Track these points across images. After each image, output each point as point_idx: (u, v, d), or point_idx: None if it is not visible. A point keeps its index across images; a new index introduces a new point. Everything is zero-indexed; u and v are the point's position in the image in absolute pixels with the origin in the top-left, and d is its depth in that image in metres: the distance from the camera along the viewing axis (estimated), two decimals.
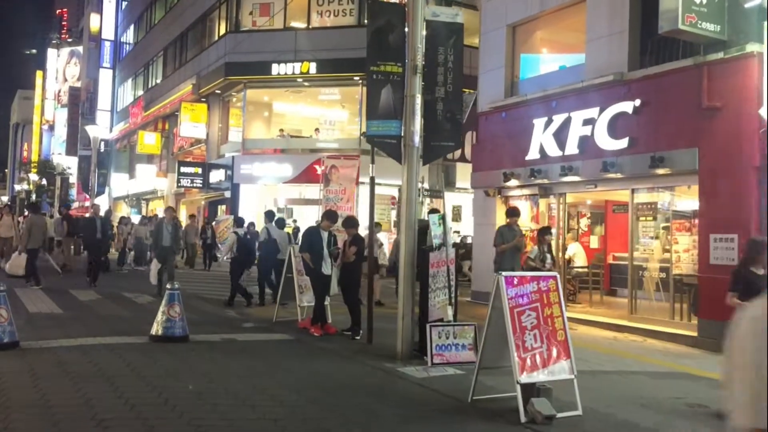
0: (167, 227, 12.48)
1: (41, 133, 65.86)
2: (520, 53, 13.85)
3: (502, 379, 6.28)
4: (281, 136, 25.51)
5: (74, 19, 62.96)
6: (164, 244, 12.41)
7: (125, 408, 5.28)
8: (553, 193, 12.60)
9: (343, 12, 24.67)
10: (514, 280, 5.77)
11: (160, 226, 12.79)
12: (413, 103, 7.93)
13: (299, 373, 6.90)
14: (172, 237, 12.40)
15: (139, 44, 39.82)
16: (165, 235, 12.39)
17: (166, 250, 12.46)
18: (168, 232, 12.38)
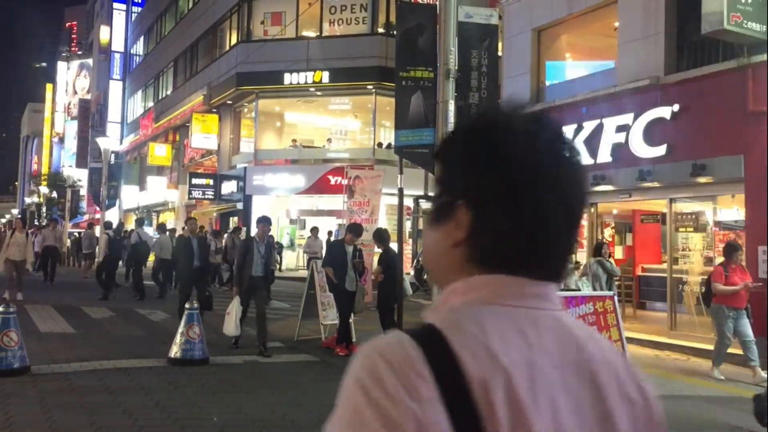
0: (259, 248, 8.63)
1: (51, 146, 65.95)
2: (545, 58, 13.39)
3: None
4: (293, 146, 25.14)
5: (84, 31, 63.18)
6: (253, 274, 8.60)
7: None
8: None
9: (355, 20, 24.33)
10: (569, 300, 5.28)
11: (249, 245, 8.67)
12: (446, 109, 7.46)
13: (327, 398, 6.39)
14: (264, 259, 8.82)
15: (149, 55, 39.67)
16: (257, 258, 8.60)
17: (255, 281, 8.66)
18: (260, 253, 8.61)
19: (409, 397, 0.71)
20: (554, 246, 0.85)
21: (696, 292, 10.29)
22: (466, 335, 0.76)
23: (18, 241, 13.54)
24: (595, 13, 12.24)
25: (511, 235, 0.83)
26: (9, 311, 6.95)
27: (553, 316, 0.84)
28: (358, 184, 9.87)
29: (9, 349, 6.81)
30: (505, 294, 0.82)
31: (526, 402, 0.74)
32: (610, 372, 0.84)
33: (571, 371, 0.80)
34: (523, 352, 0.77)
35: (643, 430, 0.84)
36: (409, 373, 0.73)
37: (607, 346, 0.88)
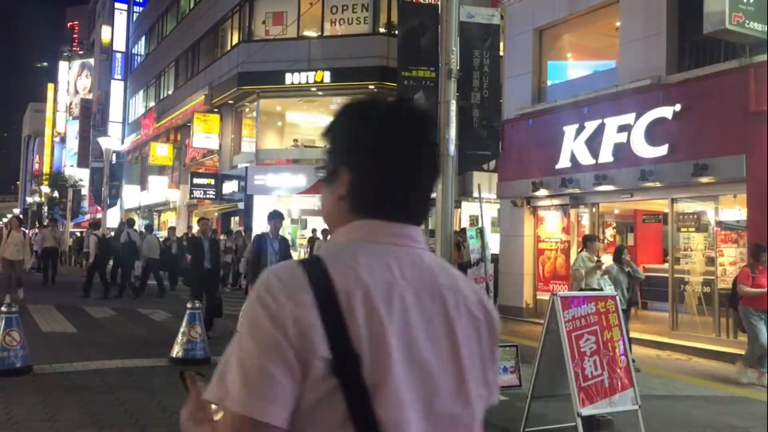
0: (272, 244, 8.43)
1: (53, 146, 66.01)
2: (547, 58, 13.39)
3: (553, 407, 5.78)
4: (295, 146, 25.13)
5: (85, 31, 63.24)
6: None
7: None
8: (585, 203, 12.10)
9: (357, 20, 24.32)
10: (570, 301, 5.27)
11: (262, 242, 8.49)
12: (448, 109, 7.44)
13: None
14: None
15: (151, 55, 39.68)
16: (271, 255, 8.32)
17: None
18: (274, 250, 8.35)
19: (290, 302, 0.97)
20: (413, 198, 1.13)
21: (698, 292, 10.29)
22: (339, 261, 1.03)
23: (15, 240, 13.18)
24: (597, 13, 12.23)
25: (379, 189, 1.10)
26: (11, 311, 6.96)
27: (416, 252, 1.10)
28: None
29: (11, 349, 6.81)
30: (375, 233, 1.09)
31: (381, 308, 0.99)
32: (458, 296, 1.09)
33: (424, 293, 1.06)
34: (383, 275, 1.03)
35: (485, 337, 1.12)
36: (293, 285, 0.98)
37: (459, 277, 1.14)
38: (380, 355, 0.97)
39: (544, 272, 12.75)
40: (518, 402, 6.22)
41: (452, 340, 1.06)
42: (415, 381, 1.00)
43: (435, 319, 1.05)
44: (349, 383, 0.95)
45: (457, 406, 1.05)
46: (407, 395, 0.99)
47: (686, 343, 9.84)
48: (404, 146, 1.11)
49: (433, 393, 1.02)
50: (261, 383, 0.94)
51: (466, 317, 1.09)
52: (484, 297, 1.15)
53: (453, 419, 1.04)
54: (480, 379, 1.09)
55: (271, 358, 0.94)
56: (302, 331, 0.95)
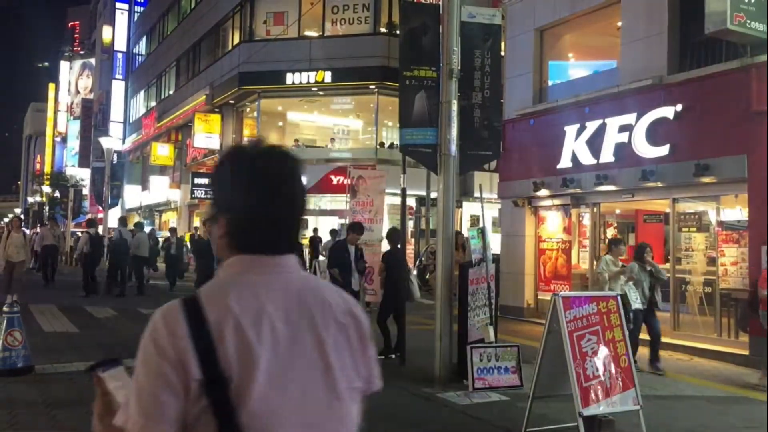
0: None
1: (54, 146, 66.00)
2: (548, 58, 13.38)
3: (554, 407, 5.79)
4: (296, 146, 25.13)
5: (86, 31, 63.24)
6: None
7: None
8: (586, 203, 12.09)
9: (357, 20, 24.32)
10: (572, 301, 5.27)
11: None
12: (449, 109, 7.46)
13: None
14: None
15: (152, 55, 39.70)
16: None
17: None
18: None
19: (171, 335, 1.16)
20: (280, 232, 1.31)
21: (699, 292, 10.28)
22: (212, 296, 1.22)
23: (15, 241, 12.98)
24: (598, 13, 12.22)
25: (248, 229, 1.29)
26: (13, 311, 6.97)
27: (285, 277, 1.29)
28: (362, 184, 9.86)
29: (13, 349, 6.82)
30: (247, 267, 1.28)
31: (250, 334, 1.18)
32: (324, 309, 1.29)
33: (292, 313, 1.25)
34: (252, 304, 1.22)
35: (354, 338, 1.31)
36: (172, 321, 1.18)
37: (327, 292, 1.34)
38: (249, 374, 1.16)
39: (545, 272, 12.74)
40: (519, 402, 6.23)
41: (321, 348, 1.26)
42: (287, 388, 1.20)
43: (304, 333, 1.25)
44: (217, 401, 1.15)
45: (329, 402, 1.26)
46: (278, 405, 1.19)
47: (687, 343, 9.84)
48: (267, 189, 1.30)
49: (305, 395, 1.22)
50: (153, 409, 1.14)
51: (333, 325, 1.29)
52: (351, 304, 1.37)
53: (326, 414, 1.25)
54: (353, 375, 1.31)
55: (160, 385, 1.14)
56: (179, 357, 1.15)
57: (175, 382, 1.14)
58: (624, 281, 8.00)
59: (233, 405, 1.15)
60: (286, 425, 1.19)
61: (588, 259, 12.20)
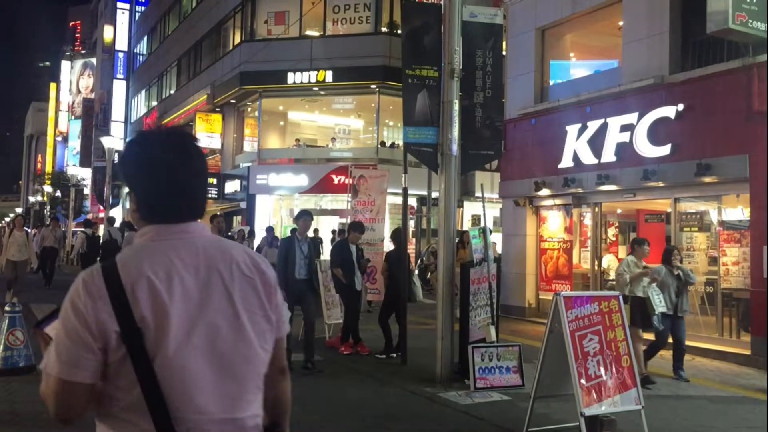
0: (301, 246, 7.68)
1: (55, 145, 65.99)
2: (549, 57, 13.37)
3: (556, 407, 5.79)
4: (297, 145, 25.14)
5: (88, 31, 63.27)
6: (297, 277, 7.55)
7: None
8: (587, 203, 12.08)
9: (359, 19, 24.31)
10: (574, 301, 5.27)
11: (290, 244, 7.66)
12: (450, 109, 7.46)
13: (335, 399, 6.41)
14: None
15: (153, 55, 39.71)
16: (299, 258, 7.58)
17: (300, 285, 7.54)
18: (303, 253, 7.68)
19: (88, 296, 1.38)
20: (182, 202, 1.52)
21: (701, 292, 10.27)
22: (127, 261, 1.43)
23: (17, 240, 12.75)
24: (600, 12, 12.21)
25: (153, 202, 1.51)
26: (15, 310, 6.98)
27: (191, 241, 1.50)
28: (363, 183, 9.85)
29: (15, 348, 6.85)
30: (157, 234, 1.50)
31: (162, 291, 1.38)
32: (231, 264, 1.50)
33: (201, 269, 1.46)
34: (163, 264, 1.42)
35: (261, 288, 1.53)
36: (91, 284, 1.39)
37: (233, 250, 1.55)
38: (161, 325, 1.37)
39: (547, 272, 12.74)
40: (521, 402, 6.23)
41: (229, 298, 1.47)
42: (198, 335, 1.41)
43: (213, 287, 1.46)
44: (134, 349, 1.36)
45: (237, 343, 1.46)
46: (191, 348, 1.40)
47: (689, 343, 9.73)
48: (166, 164, 1.52)
49: (215, 338, 1.43)
50: (67, 357, 1.37)
51: (239, 279, 1.50)
52: (257, 259, 1.58)
53: (234, 353, 1.45)
54: (262, 320, 1.52)
55: (73, 339, 1.37)
56: (97, 315, 1.37)
57: (88, 337, 1.37)
58: (647, 283, 7.42)
59: (149, 353, 1.37)
60: (197, 367, 1.40)
61: (589, 258, 12.20)
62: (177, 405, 1.38)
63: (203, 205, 1.59)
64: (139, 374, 1.36)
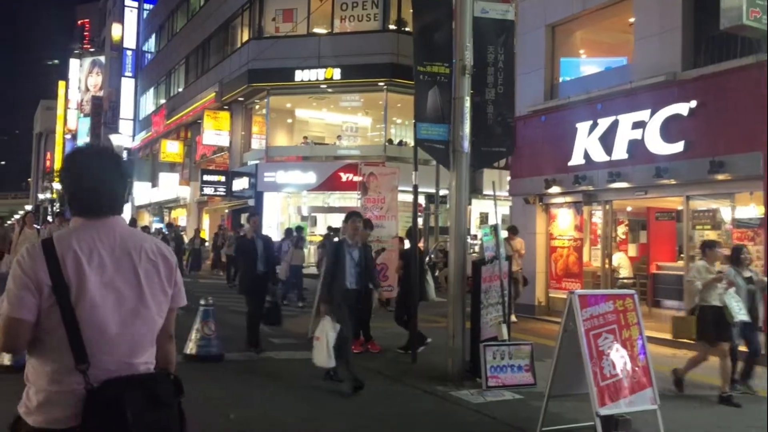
0: (351, 252, 7.15)
1: (64, 143, 66.22)
2: (559, 54, 13.29)
3: (568, 406, 5.73)
4: (305, 143, 25.12)
5: (96, 29, 63.39)
6: (348, 287, 7.07)
7: None
8: (598, 201, 12.00)
9: (367, 17, 24.26)
10: (588, 299, 5.22)
11: (340, 250, 7.08)
12: (462, 105, 7.41)
13: (344, 398, 6.37)
14: None
15: (161, 53, 39.77)
16: (349, 266, 7.11)
17: (350, 296, 7.07)
18: (354, 260, 7.17)
19: (32, 260, 1.85)
20: (103, 201, 2.00)
21: None
22: (61, 238, 1.91)
23: (28, 237, 12.45)
24: (610, 9, 12.12)
25: (78, 201, 2.01)
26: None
27: (111, 230, 1.98)
28: (373, 180, 9.81)
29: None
30: (83, 224, 1.98)
31: (84, 260, 1.87)
32: (140, 250, 2.00)
33: (116, 250, 1.95)
34: (87, 242, 1.91)
35: (162, 268, 2.03)
36: (33, 251, 1.88)
37: (144, 239, 2.05)
38: (81, 284, 1.87)
39: (557, 270, 12.67)
40: (533, 401, 6.19)
41: (135, 274, 1.97)
42: (109, 296, 1.90)
43: (123, 264, 1.96)
44: (61, 299, 1.84)
45: (138, 307, 1.95)
46: (103, 304, 1.88)
47: None
48: (89, 171, 2.02)
49: (122, 301, 1.92)
50: (16, 300, 1.84)
51: (145, 260, 2.00)
52: (162, 247, 2.09)
53: (135, 314, 1.95)
54: (159, 293, 2.02)
55: (21, 288, 1.85)
56: (36, 272, 1.85)
57: (30, 284, 1.85)
58: (723, 289, 6.79)
59: (72, 302, 1.84)
60: (106, 319, 1.89)
61: (600, 256, 12.12)
62: (90, 342, 1.85)
63: (122, 204, 2.08)
64: (64, 318, 1.83)
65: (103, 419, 1.79)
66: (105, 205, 2.00)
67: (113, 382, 1.84)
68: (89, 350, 1.83)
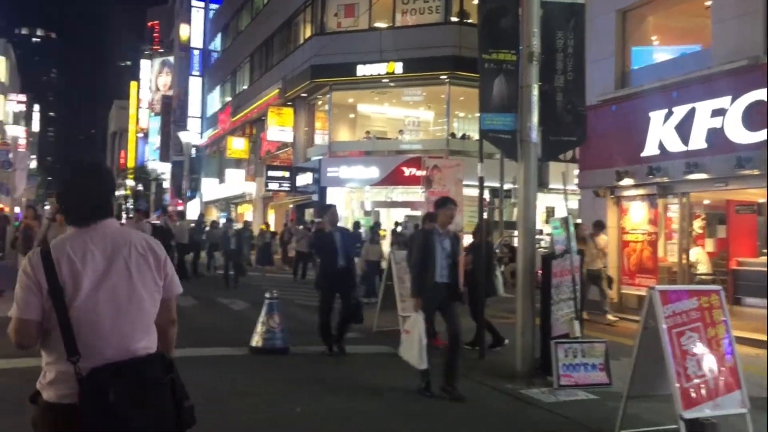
0: (442, 242, 6.26)
1: (136, 141, 68.78)
2: (631, 40, 12.74)
3: (647, 407, 5.43)
4: (367, 138, 25.13)
5: (165, 30, 65.46)
6: (437, 280, 6.18)
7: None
8: (674, 193, 11.44)
9: (428, 9, 24.02)
10: (670, 295, 4.91)
11: (429, 239, 6.27)
12: (529, 94, 7.15)
13: (410, 395, 6.24)
14: None
15: (227, 51, 40.64)
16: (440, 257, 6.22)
17: (440, 290, 6.19)
18: (445, 251, 6.24)
19: (33, 267, 2.12)
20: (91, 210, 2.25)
21: None
22: (57, 245, 2.16)
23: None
24: None
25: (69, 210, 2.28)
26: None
27: (102, 232, 2.23)
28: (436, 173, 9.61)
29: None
30: (77, 232, 2.22)
31: (77, 263, 2.13)
32: (130, 246, 2.24)
33: (107, 250, 2.19)
34: (80, 246, 2.17)
35: (152, 261, 2.27)
36: (33, 258, 2.14)
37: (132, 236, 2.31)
38: (76, 283, 2.11)
39: (630, 265, 12.16)
40: (609, 401, 5.91)
41: (127, 268, 2.20)
42: (103, 290, 2.15)
43: (116, 260, 2.19)
44: (56, 300, 2.09)
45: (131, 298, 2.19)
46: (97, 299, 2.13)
47: None
48: (76, 184, 2.29)
49: (115, 294, 2.16)
50: (21, 302, 2.10)
51: (135, 256, 2.24)
52: (151, 242, 2.33)
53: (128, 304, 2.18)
54: (151, 283, 2.26)
55: (26, 292, 2.10)
56: (37, 278, 2.10)
57: (34, 287, 2.11)
58: None
59: (66, 303, 2.09)
60: (101, 311, 2.14)
61: (676, 252, 11.56)
62: (86, 335, 2.10)
63: (110, 209, 2.32)
64: (58, 316, 2.09)
65: (92, 401, 2.06)
66: (91, 215, 2.25)
67: (100, 369, 2.09)
68: (84, 341, 2.09)
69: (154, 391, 2.16)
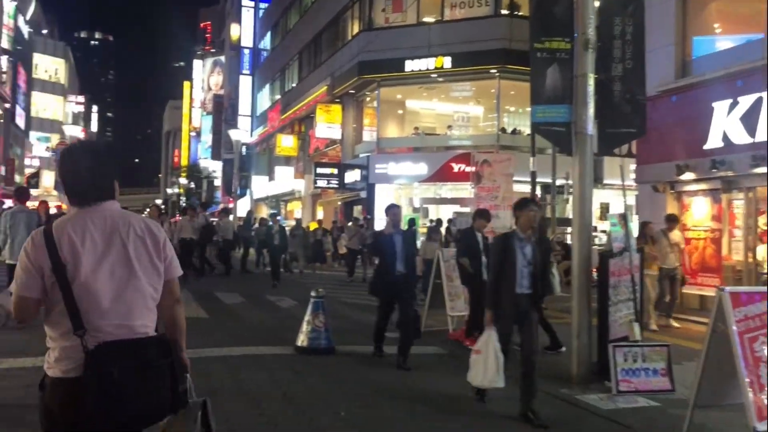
0: (523, 247, 5.49)
1: (189, 140, 70.21)
2: (692, 28, 12.12)
3: (714, 417, 5.07)
4: (416, 134, 24.88)
5: (217, 30, 66.55)
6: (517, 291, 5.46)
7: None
8: (739, 187, 10.83)
9: (478, 2, 23.60)
10: (741, 297, 4.53)
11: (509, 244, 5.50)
12: (585, 84, 6.79)
13: (462, 397, 5.99)
14: None
15: (276, 50, 40.98)
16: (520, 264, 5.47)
17: (520, 302, 5.49)
18: (525, 258, 5.47)
19: (35, 247, 2.27)
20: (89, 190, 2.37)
21: None
22: (58, 225, 2.31)
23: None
24: None
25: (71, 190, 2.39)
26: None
27: (101, 213, 2.35)
28: (486, 168, 9.35)
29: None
30: (79, 210, 2.36)
31: (77, 242, 2.26)
32: (129, 229, 2.35)
33: (106, 230, 2.32)
34: (80, 226, 2.30)
35: (150, 243, 2.38)
36: (36, 238, 2.29)
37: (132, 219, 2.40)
38: (76, 262, 2.22)
39: (691, 264, 11.58)
40: (672, 409, 5.55)
41: (125, 249, 2.31)
42: (102, 270, 2.25)
43: (114, 241, 2.30)
44: (59, 277, 2.20)
45: (129, 278, 2.29)
46: (96, 278, 2.24)
47: None
48: (75, 165, 2.38)
49: (113, 273, 2.27)
50: (22, 281, 2.24)
51: (133, 237, 2.34)
52: (150, 225, 2.43)
53: (126, 284, 2.29)
54: (149, 265, 2.36)
55: (26, 271, 2.24)
56: (38, 256, 2.22)
57: (35, 270, 2.21)
58: None
59: (68, 279, 2.19)
60: (100, 291, 2.23)
61: (741, 250, 10.94)
62: (87, 312, 2.20)
63: (110, 191, 2.39)
64: (63, 292, 2.19)
65: (96, 374, 2.13)
66: (92, 195, 2.33)
67: (105, 345, 2.18)
68: (86, 318, 2.19)
69: (154, 371, 2.24)
